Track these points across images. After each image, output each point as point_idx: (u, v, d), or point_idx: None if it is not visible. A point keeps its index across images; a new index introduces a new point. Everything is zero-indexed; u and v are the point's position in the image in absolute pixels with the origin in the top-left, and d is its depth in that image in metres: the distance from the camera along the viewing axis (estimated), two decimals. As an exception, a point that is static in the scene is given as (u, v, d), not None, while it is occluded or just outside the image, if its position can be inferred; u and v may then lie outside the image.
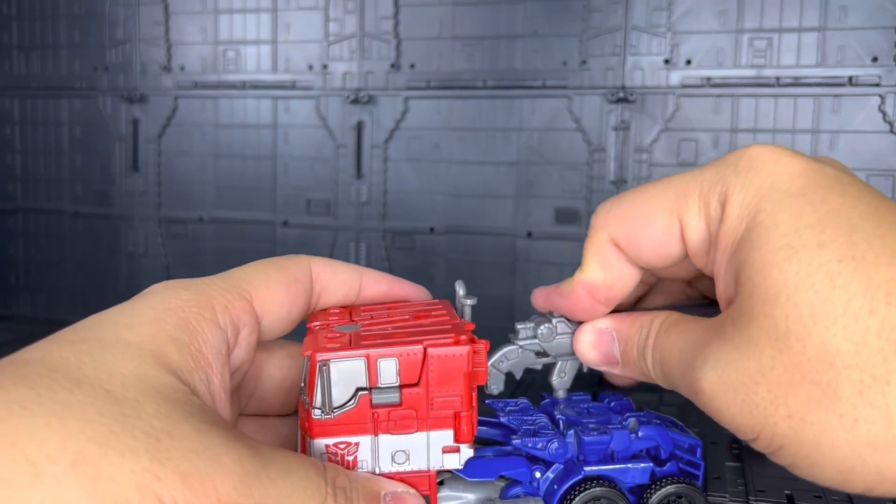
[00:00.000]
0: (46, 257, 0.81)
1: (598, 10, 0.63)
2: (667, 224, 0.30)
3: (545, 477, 0.36)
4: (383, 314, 0.35)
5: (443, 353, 0.31)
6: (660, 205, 0.30)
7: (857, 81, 0.58)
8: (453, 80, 0.67)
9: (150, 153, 0.76)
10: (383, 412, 0.31)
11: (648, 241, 0.31)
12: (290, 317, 0.32)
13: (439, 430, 0.32)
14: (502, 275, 0.67)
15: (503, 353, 0.38)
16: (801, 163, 0.29)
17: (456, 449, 0.32)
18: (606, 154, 0.63)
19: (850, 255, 0.24)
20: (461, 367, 0.31)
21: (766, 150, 0.30)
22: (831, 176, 0.28)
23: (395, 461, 0.31)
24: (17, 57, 0.80)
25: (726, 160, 0.30)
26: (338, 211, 0.71)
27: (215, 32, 0.73)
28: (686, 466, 0.36)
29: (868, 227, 0.25)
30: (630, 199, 0.31)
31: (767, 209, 0.27)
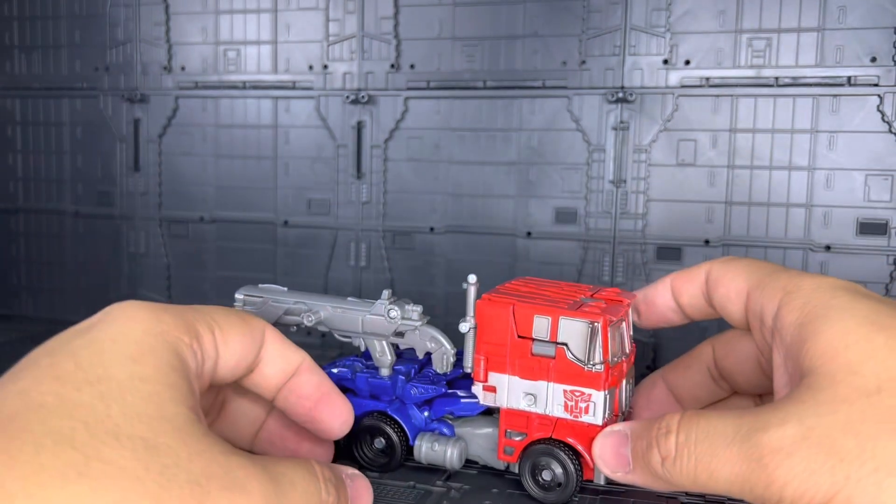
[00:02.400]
0: (47, 257, 0.81)
1: (597, 11, 0.63)
2: (739, 288, 0.34)
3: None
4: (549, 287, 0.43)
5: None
6: (744, 271, 0.35)
7: (856, 81, 0.58)
8: (453, 80, 0.67)
9: (151, 153, 0.76)
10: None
11: (722, 290, 0.35)
12: (239, 365, 0.33)
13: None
14: (502, 275, 0.67)
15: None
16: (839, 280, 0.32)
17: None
18: (606, 154, 0.64)
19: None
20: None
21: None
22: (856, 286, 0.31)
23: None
24: (18, 57, 0.80)
25: (792, 272, 0.33)
26: (338, 211, 0.71)
27: (216, 33, 0.73)
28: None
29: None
30: (740, 258, 0.36)
31: (839, 296, 0.29)
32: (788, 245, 0.61)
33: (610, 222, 0.64)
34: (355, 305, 0.43)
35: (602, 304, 0.38)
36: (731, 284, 0.35)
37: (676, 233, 0.63)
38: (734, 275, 0.35)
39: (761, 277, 0.33)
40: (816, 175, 0.60)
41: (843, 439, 0.24)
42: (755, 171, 0.61)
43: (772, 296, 0.31)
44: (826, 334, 0.27)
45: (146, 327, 0.29)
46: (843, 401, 0.25)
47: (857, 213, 0.59)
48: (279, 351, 0.35)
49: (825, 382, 0.25)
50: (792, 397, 0.26)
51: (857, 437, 0.24)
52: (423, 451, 0.41)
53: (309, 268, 0.73)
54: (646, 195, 0.63)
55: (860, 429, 0.24)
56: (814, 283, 0.30)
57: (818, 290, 0.29)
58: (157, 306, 0.30)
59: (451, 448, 0.41)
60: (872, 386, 0.24)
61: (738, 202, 0.61)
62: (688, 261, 0.63)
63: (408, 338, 0.42)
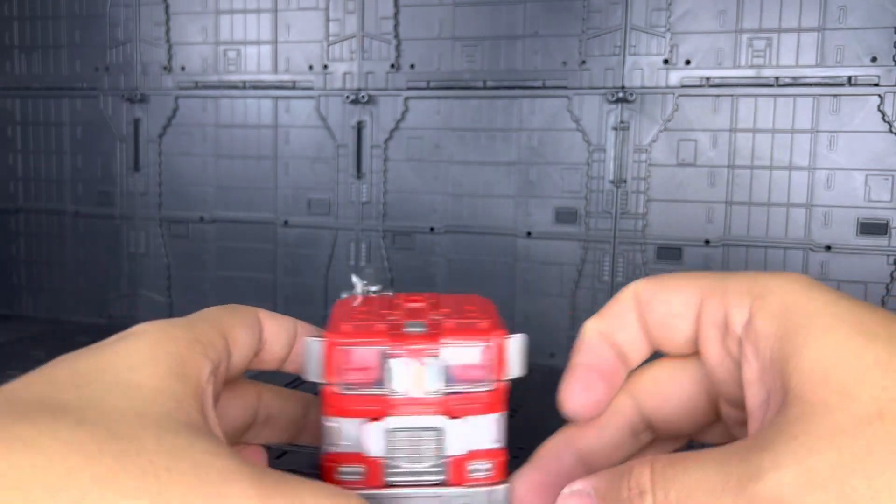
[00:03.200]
0: (47, 257, 0.81)
1: (597, 11, 0.63)
2: (687, 300, 0.29)
3: None
4: (392, 315, 0.34)
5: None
6: (688, 283, 0.29)
7: (857, 81, 0.58)
8: (453, 80, 0.67)
9: (151, 153, 0.76)
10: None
11: (663, 307, 0.29)
12: (248, 356, 0.33)
13: None
14: (502, 275, 0.67)
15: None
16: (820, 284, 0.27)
17: None
18: (606, 154, 0.64)
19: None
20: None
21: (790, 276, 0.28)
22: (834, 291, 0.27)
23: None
24: (19, 57, 0.80)
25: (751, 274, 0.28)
26: (338, 211, 0.71)
27: (216, 33, 0.73)
28: None
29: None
30: (671, 273, 0.30)
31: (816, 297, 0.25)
32: (789, 245, 0.60)
33: (610, 222, 0.64)
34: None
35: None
36: (673, 297, 0.29)
37: (677, 233, 0.63)
38: (675, 286, 0.29)
39: (715, 282, 0.28)
40: (817, 175, 0.60)
41: (852, 480, 0.21)
42: (755, 171, 0.61)
43: (738, 302, 0.27)
44: (813, 349, 0.24)
45: (154, 339, 0.29)
46: (842, 432, 0.22)
47: (857, 213, 0.59)
48: (276, 327, 0.35)
49: (819, 410, 0.22)
50: (782, 432, 0.23)
51: (868, 477, 0.21)
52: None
53: (309, 268, 0.72)
54: (646, 195, 0.63)
55: (868, 466, 0.21)
56: (783, 285, 0.26)
57: (792, 293, 0.26)
58: (169, 321, 0.30)
59: None
60: (873, 411, 0.22)
61: (739, 202, 0.61)
62: (688, 261, 0.63)
63: None
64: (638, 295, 0.30)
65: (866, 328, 0.24)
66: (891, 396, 0.22)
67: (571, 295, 0.65)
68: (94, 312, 0.80)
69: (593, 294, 0.65)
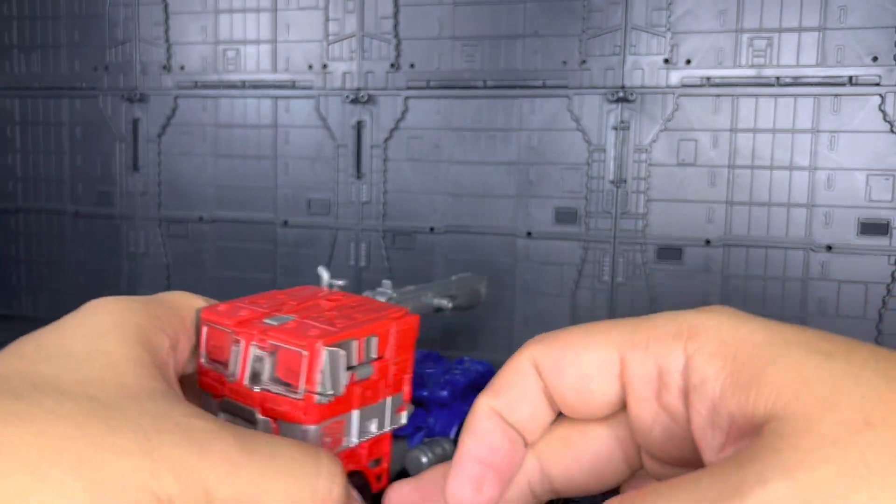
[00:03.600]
0: (47, 257, 0.81)
1: (598, 10, 0.63)
2: (604, 359, 0.25)
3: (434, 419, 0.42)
4: (290, 305, 0.35)
5: (403, 326, 0.34)
6: (597, 340, 0.26)
7: (857, 81, 0.58)
8: (453, 80, 0.67)
9: (151, 153, 0.76)
10: (359, 387, 0.32)
11: (576, 371, 0.26)
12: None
13: (395, 393, 0.34)
14: (502, 275, 0.67)
15: None
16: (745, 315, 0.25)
17: (404, 408, 0.35)
18: (606, 154, 0.63)
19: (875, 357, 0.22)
20: (414, 335, 0.34)
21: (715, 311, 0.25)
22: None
23: (364, 430, 0.33)
24: (18, 57, 0.80)
25: (675, 314, 0.25)
26: (338, 211, 0.71)
27: (215, 32, 0.73)
28: None
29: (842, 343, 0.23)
30: (570, 329, 0.27)
31: (747, 325, 0.23)
32: (789, 245, 0.60)
33: (610, 222, 0.64)
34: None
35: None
36: (585, 359, 0.26)
37: (677, 233, 0.63)
38: (583, 345, 0.26)
39: (631, 334, 0.25)
40: (817, 175, 0.59)
41: (851, 495, 0.19)
42: (756, 170, 0.61)
43: (668, 349, 0.24)
44: (774, 373, 0.22)
45: (113, 309, 0.29)
46: (832, 444, 0.20)
47: (858, 213, 0.59)
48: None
49: (801, 424, 0.21)
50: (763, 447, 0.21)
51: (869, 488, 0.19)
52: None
53: (309, 268, 0.72)
54: (646, 195, 0.63)
55: (865, 476, 0.20)
56: (713, 319, 0.24)
57: (725, 327, 0.24)
58: (126, 297, 0.31)
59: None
60: (859, 419, 0.20)
61: (739, 202, 0.61)
62: (688, 261, 0.63)
63: None
64: (538, 362, 0.26)
65: (819, 348, 0.22)
66: (872, 405, 0.20)
67: (571, 295, 0.65)
68: (94, 312, 0.79)
69: (593, 294, 0.65)
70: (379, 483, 0.35)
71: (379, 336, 0.33)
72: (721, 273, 0.62)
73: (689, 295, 0.63)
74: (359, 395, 0.32)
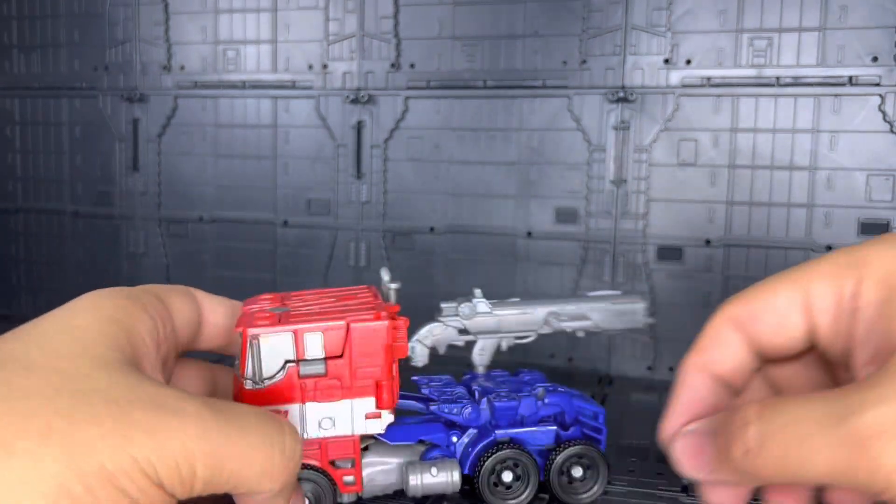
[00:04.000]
0: (47, 257, 0.81)
1: (598, 10, 0.63)
2: (790, 297, 0.29)
3: (461, 441, 0.39)
4: (313, 298, 0.38)
5: (364, 328, 0.34)
6: (784, 281, 0.30)
7: (857, 81, 0.58)
8: (453, 80, 0.67)
9: (151, 153, 0.76)
10: (310, 382, 0.34)
11: (769, 316, 0.30)
12: (191, 324, 0.34)
13: (362, 397, 0.35)
14: (502, 275, 0.67)
15: (428, 328, 0.42)
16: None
17: (377, 415, 0.35)
18: (606, 154, 0.63)
19: None
20: (381, 340, 0.34)
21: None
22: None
23: (321, 427, 0.35)
24: (18, 57, 0.80)
25: (851, 248, 0.30)
26: (338, 211, 0.71)
27: (215, 32, 0.73)
28: (589, 431, 0.40)
29: None
30: (755, 285, 0.31)
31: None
32: (789, 245, 0.60)
33: (610, 222, 0.64)
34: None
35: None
36: (777, 301, 0.30)
37: (677, 233, 0.63)
38: (773, 291, 0.30)
39: (812, 271, 0.30)
40: (818, 175, 0.59)
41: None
42: (756, 170, 0.61)
43: (841, 280, 0.28)
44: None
45: (94, 295, 0.30)
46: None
47: (858, 213, 0.59)
48: (214, 304, 0.36)
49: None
50: (886, 373, 0.24)
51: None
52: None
53: (309, 268, 0.72)
54: (646, 195, 0.63)
55: None
56: (878, 252, 0.28)
57: (889, 257, 0.27)
58: (109, 289, 0.31)
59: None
60: None
61: (739, 202, 0.61)
62: (689, 261, 0.63)
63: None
64: (734, 317, 0.30)
65: None
66: None
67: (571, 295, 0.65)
68: (94, 312, 0.79)
69: (593, 294, 0.65)
70: (351, 486, 0.36)
71: (325, 335, 0.34)
72: (721, 273, 0.62)
73: (689, 295, 0.63)
74: (308, 390, 0.34)
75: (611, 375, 0.64)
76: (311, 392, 0.34)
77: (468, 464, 0.39)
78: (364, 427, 0.35)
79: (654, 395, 0.59)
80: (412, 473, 0.38)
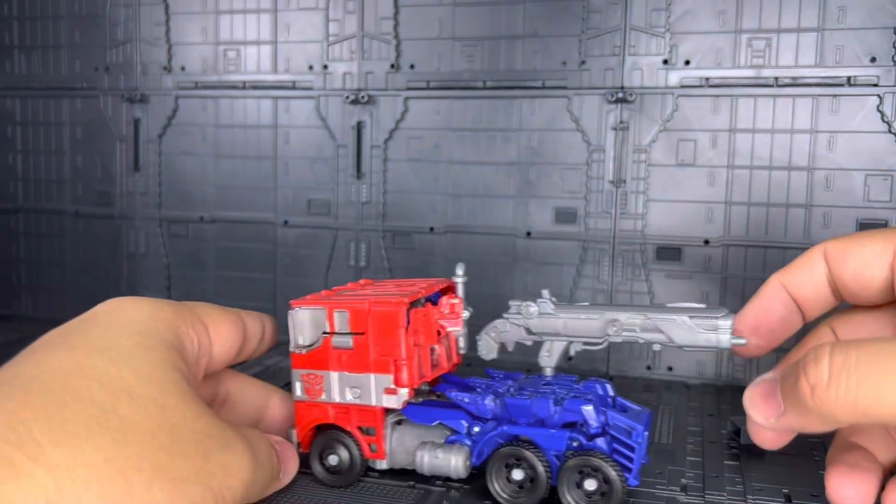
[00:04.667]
0: (47, 257, 0.81)
1: (597, 11, 0.63)
2: (881, 249, 0.32)
3: (482, 431, 0.40)
4: (388, 286, 0.43)
5: (380, 310, 0.38)
6: (879, 235, 0.32)
7: (856, 82, 0.58)
8: (453, 80, 0.67)
9: (151, 153, 0.76)
10: (340, 353, 0.39)
11: (856, 259, 0.32)
12: (231, 351, 0.38)
13: (383, 374, 0.39)
14: (502, 275, 0.67)
15: (494, 325, 0.44)
16: None
17: (395, 392, 0.38)
18: (605, 154, 0.64)
19: None
20: (395, 323, 0.38)
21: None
22: None
23: (351, 395, 0.39)
24: (18, 57, 0.80)
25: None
26: (338, 211, 0.71)
27: (216, 33, 0.73)
28: (621, 447, 0.37)
29: None
30: (857, 232, 0.35)
31: None
32: (788, 245, 0.61)
33: (610, 222, 0.64)
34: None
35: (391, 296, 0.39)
36: (865, 250, 0.32)
37: (676, 233, 0.63)
38: (866, 241, 0.32)
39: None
40: (816, 175, 0.60)
41: None
42: (755, 171, 0.61)
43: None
44: None
45: (150, 312, 0.32)
46: None
47: (856, 214, 0.59)
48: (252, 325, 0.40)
49: None
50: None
51: None
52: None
53: (309, 268, 0.73)
54: (645, 195, 0.63)
55: None
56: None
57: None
58: (155, 299, 0.34)
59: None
60: None
61: (738, 202, 0.61)
62: (687, 261, 0.63)
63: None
64: (829, 252, 0.33)
65: None
66: None
67: (571, 295, 0.65)
68: (94, 312, 0.80)
69: (593, 294, 0.65)
70: (374, 454, 0.40)
71: (350, 313, 0.39)
72: (720, 273, 0.62)
73: (688, 295, 0.63)
74: (337, 360, 0.39)
75: (610, 375, 0.64)
76: (342, 362, 0.39)
77: (476, 453, 0.39)
78: (383, 400, 0.39)
79: (653, 395, 0.59)
80: (419, 451, 0.40)
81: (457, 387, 0.41)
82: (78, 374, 0.26)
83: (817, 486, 0.40)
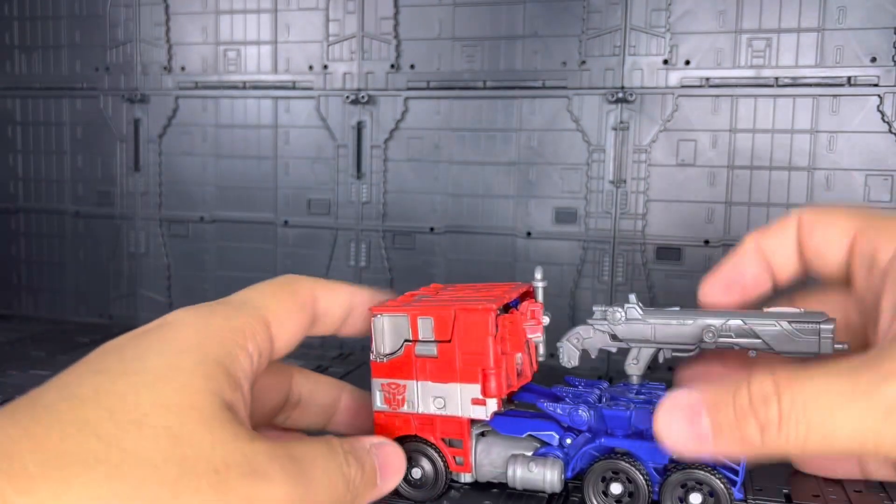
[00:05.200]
0: (48, 257, 0.81)
1: (597, 11, 0.63)
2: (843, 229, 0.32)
3: (575, 443, 0.37)
4: (467, 291, 0.41)
5: (467, 317, 0.36)
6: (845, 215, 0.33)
7: (856, 82, 0.58)
8: (453, 80, 0.67)
9: (151, 153, 0.76)
10: (424, 362, 0.37)
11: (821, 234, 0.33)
12: (294, 340, 0.36)
13: (469, 383, 0.36)
14: (502, 275, 0.67)
15: (576, 331, 0.41)
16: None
17: (482, 402, 0.36)
18: (606, 154, 0.64)
19: None
20: (484, 330, 0.36)
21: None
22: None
23: (435, 405, 0.37)
24: (19, 57, 0.80)
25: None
26: (338, 211, 0.71)
27: (216, 33, 0.73)
28: (728, 461, 0.35)
29: None
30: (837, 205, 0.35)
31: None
32: (788, 245, 0.61)
33: (610, 222, 0.64)
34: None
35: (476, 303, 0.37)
36: (830, 227, 0.32)
37: (676, 233, 0.63)
38: (835, 217, 0.33)
39: (870, 219, 0.31)
40: (816, 175, 0.60)
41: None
42: (755, 171, 0.61)
43: (886, 239, 0.30)
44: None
45: (198, 325, 0.30)
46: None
47: (856, 214, 0.59)
48: (330, 302, 0.37)
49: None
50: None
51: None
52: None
53: (309, 268, 0.73)
54: (646, 195, 0.63)
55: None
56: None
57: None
58: (208, 309, 0.32)
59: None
60: None
61: (738, 202, 0.61)
62: (688, 261, 0.63)
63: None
64: (802, 220, 0.34)
65: None
66: None
67: (571, 295, 0.65)
68: (94, 312, 0.80)
69: (593, 294, 0.65)
70: (460, 466, 0.38)
71: (435, 320, 0.37)
72: (720, 273, 0.62)
73: (688, 295, 0.63)
74: (421, 368, 0.37)
75: (610, 375, 0.64)
76: (425, 371, 0.37)
77: (571, 467, 0.37)
78: (470, 411, 0.37)
79: (653, 395, 0.59)
80: (512, 465, 0.38)
81: (542, 396, 0.40)
82: (92, 402, 0.25)
83: (818, 486, 0.40)
